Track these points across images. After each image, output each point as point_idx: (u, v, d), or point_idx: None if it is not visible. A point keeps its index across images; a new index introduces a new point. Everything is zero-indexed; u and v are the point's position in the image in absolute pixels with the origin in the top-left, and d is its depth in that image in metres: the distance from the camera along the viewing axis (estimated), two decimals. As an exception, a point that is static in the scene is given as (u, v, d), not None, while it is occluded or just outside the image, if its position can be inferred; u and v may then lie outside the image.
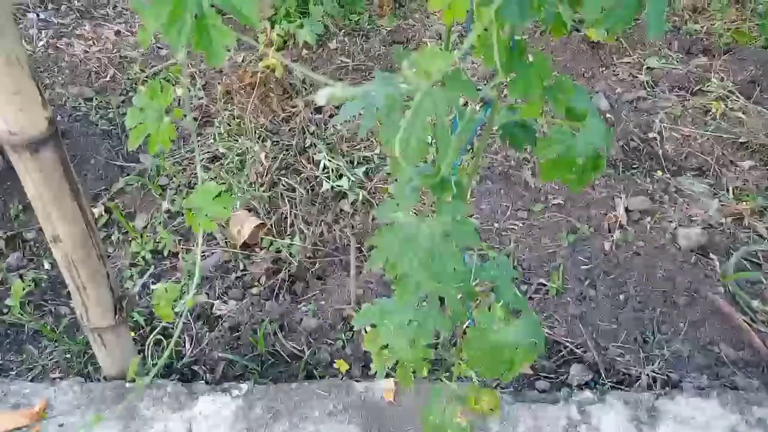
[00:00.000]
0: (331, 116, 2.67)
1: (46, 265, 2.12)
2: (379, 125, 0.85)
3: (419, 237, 0.96)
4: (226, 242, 2.20)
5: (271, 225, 2.21)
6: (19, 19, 3.19)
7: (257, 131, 2.52)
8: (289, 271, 2.08)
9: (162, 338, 1.91)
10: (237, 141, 2.48)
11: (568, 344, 1.85)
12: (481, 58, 0.85)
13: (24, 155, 1.00)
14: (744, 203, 2.33)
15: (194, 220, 0.88)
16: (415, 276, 0.97)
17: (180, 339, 1.87)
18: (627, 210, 2.30)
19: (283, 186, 2.34)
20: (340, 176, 2.40)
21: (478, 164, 1.05)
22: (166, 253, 2.15)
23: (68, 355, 1.82)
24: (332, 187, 2.34)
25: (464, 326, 1.52)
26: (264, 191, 2.30)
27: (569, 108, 0.91)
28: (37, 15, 3.24)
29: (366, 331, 1.38)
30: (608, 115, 2.72)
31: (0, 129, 0.98)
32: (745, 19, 3.38)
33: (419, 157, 0.85)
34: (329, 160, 2.43)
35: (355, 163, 2.48)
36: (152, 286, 2.08)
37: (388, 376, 1.36)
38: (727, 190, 2.41)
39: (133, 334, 1.77)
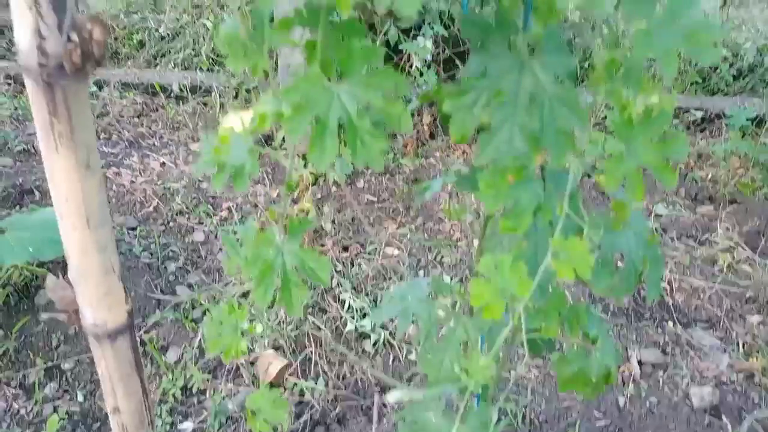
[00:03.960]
0: (357, 255, 2.84)
1: (80, 397, 2.22)
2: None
3: (448, 439, 1.07)
4: (252, 381, 2.29)
5: (296, 365, 2.31)
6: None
7: (287, 268, 2.68)
8: (311, 415, 2.16)
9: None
10: (268, 277, 2.64)
11: (584, 508, 1.88)
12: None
13: (103, 343, 1.14)
14: (754, 359, 2.39)
15: (254, 421, 1.00)
16: (443, 474, 1.07)
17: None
18: (640, 363, 2.38)
19: (310, 325, 2.46)
20: (364, 315, 2.52)
21: (503, 369, 1.17)
22: (194, 390, 2.24)
23: (96, 498, 1.88)
24: (356, 328, 2.46)
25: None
26: (291, 330, 2.42)
27: (584, 332, 1.05)
28: (91, 144, 3.54)
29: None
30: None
31: (88, 322, 1.13)
32: (748, 168, 3.59)
33: (452, 378, 0.98)
34: (354, 300, 2.57)
35: (378, 302, 2.61)
36: (179, 425, 2.16)
37: None
38: (737, 345, 2.48)
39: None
